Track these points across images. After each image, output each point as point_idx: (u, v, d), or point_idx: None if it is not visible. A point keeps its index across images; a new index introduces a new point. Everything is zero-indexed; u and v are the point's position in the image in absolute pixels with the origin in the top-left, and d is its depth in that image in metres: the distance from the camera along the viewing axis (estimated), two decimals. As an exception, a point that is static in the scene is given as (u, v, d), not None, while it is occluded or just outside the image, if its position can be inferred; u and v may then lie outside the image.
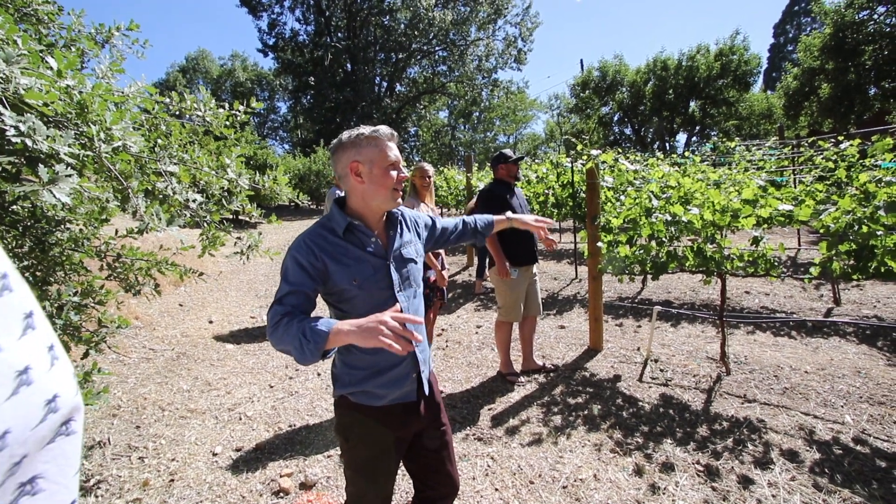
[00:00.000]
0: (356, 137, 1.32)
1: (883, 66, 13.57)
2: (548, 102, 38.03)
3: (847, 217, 2.89)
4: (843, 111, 14.53)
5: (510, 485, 2.33)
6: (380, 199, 1.34)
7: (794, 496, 2.15)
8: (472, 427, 2.87)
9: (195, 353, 4.11)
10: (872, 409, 2.81)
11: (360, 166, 1.31)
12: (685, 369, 3.51)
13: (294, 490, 2.24)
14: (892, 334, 3.88)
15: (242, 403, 3.17)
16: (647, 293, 5.59)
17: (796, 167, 7.29)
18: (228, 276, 7.21)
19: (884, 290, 4.88)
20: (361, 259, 1.32)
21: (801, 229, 7.38)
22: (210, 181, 2.33)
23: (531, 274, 3.44)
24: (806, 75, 15.22)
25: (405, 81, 32.66)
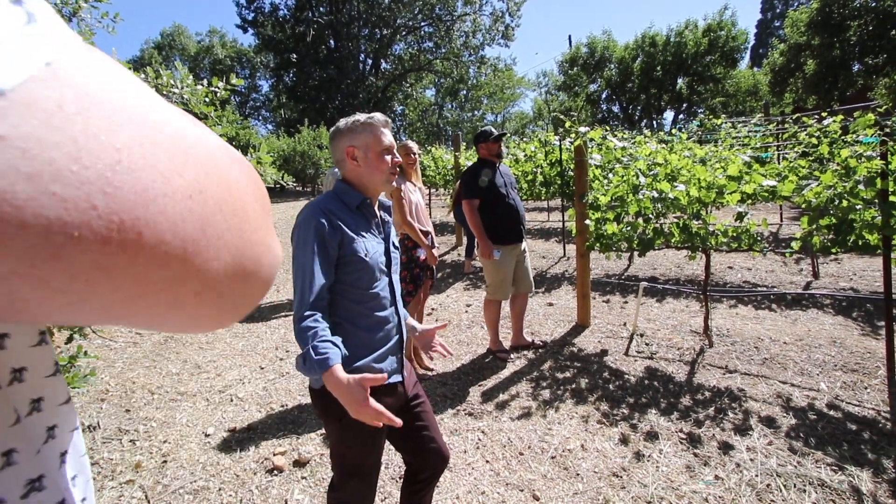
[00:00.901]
0: (352, 124, 1.41)
1: (867, 42, 13.65)
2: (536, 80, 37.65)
3: (828, 192, 2.94)
4: (828, 87, 14.65)
5: (500, 456, 2.39)
6: (375, 182, 1.42)
7: (771, 459, 2.25)
8: (462, 403, 2.93)
9: (183, 336, 4.08)
10: (845, 377, 2.93)
11: (356, 151, 1.39)
12: (670, 343, 3.60)
13: (288, 468, 2.27)
14: (866, 305, 4.01)
15: (233, 385, 3.17)
16: (634, 270, 5.67)
17: (780, 143, 7.37)
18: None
19: (860, 263, 5.02)
20: (371, 235, 1.41)
21: (784, 205, 7.51)
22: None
23: (519, 251, 3.44)
24: (792, 51, 15.25)
25: (390, 59, 31.89)
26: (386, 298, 1.43)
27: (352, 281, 1.35)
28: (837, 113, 6.19)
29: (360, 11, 27.88)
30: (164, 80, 2.36)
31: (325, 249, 1.30)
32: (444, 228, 9.03)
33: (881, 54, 13.79)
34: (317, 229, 1.29)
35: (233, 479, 2.19)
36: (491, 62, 32.72)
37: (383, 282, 1.42)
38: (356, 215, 1.40)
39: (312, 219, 1.30)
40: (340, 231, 1.32)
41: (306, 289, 1.26)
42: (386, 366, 1.41)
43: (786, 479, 2.12)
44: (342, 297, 1.35)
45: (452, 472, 2.29)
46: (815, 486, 2.07)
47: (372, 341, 1.38)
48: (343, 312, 1.36)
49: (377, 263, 1.39)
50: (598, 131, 3.98)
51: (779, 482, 2.10)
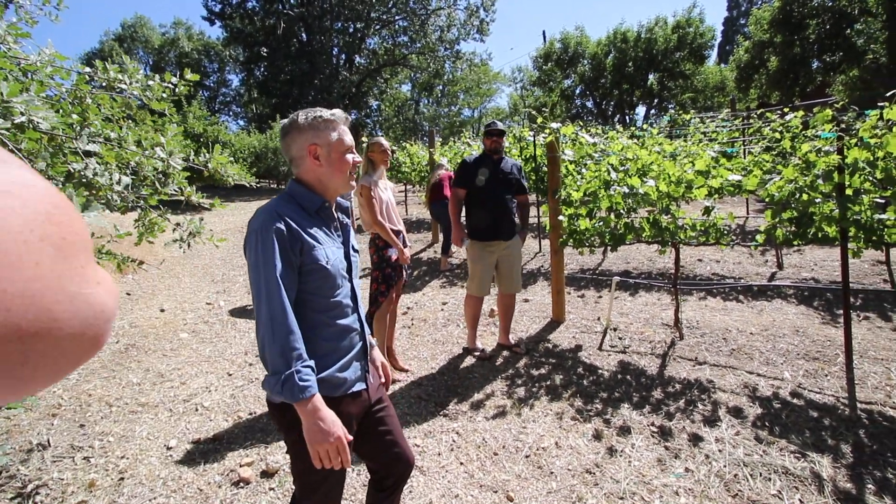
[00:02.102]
0: (314, 120, 1.31)
1: (825, 41, 14.20)
2: (511, 75, 37.67)
3: (790, 186, 3.02)
4: (789, 84, 15.19)
5: (475, 458, 2.36)
6: (336, 183, 1.34)
7: (738, 449, 2.30)
8: (437, 404, 2.89)
9: (145, 343, 3.89)
10: (808, 365, 3.03)
11: (319, 149, 1.30)
12: (642, 336, 3.65)
13: (255, 479, 2.18)
14: (826, 295, 4.17)
15: (199, 394, 3.04)
16: (608, 264, 5.74)
17: (746, 138, 7.59)
18: (181, 261, 6.85)
19: (821, 253, 5.22)
20: (330, 240, 1.33)
21: (750, 198, 7.75)
22: (141, 162, 2.13)
23: (501, 250, 3.40)
24: (756, 48, 15.74)
25: (364, 53, 31.38)
26: (348, 306, 1.37)
27: (313, 290, 1.28)
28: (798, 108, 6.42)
29: (333, 4, 27.31)
30: (112, 74, 2.21)
31: (287, 258, 1.21)
32: (421, 225, 8.96)
33: (838, 52, 14.39)
34: (277, 237, 1.20)
35: (195, 494, 2.09)
36: (466, 57, 32.58)
37: (345, 288, 1.36)
38: (314, 220, 1.31)
39: (270, 225, 1.20)
40: (300, 238, 1.23)
41: (276, 305, 1.16)
42: (350, 374, 1.35)
43: (752, 468, 2.17)
44: (303, 306, 1.28)
45: (426, 475, 2.25)
46: (780, 474, 2.12)
47: (335, 350, 1.32)
48: (305, 322, 1.28)
49: (338, 270, 1.32)
50: (570, 127, 3.98)
51: (746, 472, 2.15)
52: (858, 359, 3.04)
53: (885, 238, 2.81)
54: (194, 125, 12.18)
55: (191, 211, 10.13)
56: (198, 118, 12.69)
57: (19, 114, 1.54)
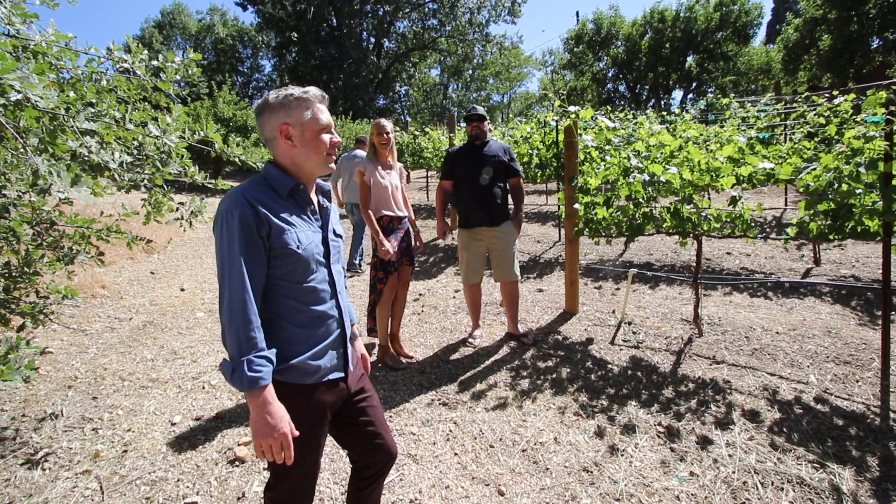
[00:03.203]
0: (285, 99, 1.26)
1: (888, 16, 13.01)
2: (542, 59, 36.59)
3: (828, 175, 2.77)
4: (843, 64, 14.05)
5: (470, 449, 2.32)
6: (312, 164, 1.29)
7: (750, 455, 2.16)
8: (438, 392, 2.86)
9: (163, 321, 4.04)
10: (837, 369, 2.81)
11: (291, 129, 1.25)
12: (658, 331, 3.49)
13: (251, 458, 2.22)
14: (866, 294, 3.86)
15: (208, 372, 3.13)
16: (629, 255, 5.53)
17: (789, 123, 7.07)
18: (206, 242, 7.06)
19: (864, 249, 4.84)
20: (304, 223, 1.28)
21: (789, 189, 7.26)
22: (143, 141, 2.15)
23: (492, 236, 3.31)
24: (807, 26, 14.60)
25: (393, 37, 31.17)
26: (325, 292, 1.31)
27: (283, 275, 1.24)
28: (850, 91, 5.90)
29: (362, -13, 27.17)
30: (117, 55, 2.22)
31: (253, 242, 1.17)
32: (441, 212, 8.89)
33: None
34: (242, 220, 1.16)
35: (193, 470, 2.14)
36: (497, 40, 31.87)
37: (321, 274, 1.30)
38: (287, 203, 1.25)
39: (235, 209, 1.16)
40: (268, 221, 1.19)
41: (235, 290, 1.13)
42: (324, 362, 1.31)
43: (764, 476, 2.03)
44: (274, 291, 1.24)
45: (419, 464, 2.23)
46: (794, 485, 1.98)
47: (309, 337, 1.28)
48: (275, 307, 1.25)
49: (312, 255, 1.27)
50: (588, 111, 3.79)
51: (756, 479, 2.02)
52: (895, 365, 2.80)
53: (935, 234, 2.53)
54: (223, 110, 12.43)
55: (219, 194, 10.43)
56: (227, 103, 12.94)
57: (14, 91, 1.56)
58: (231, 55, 35.77)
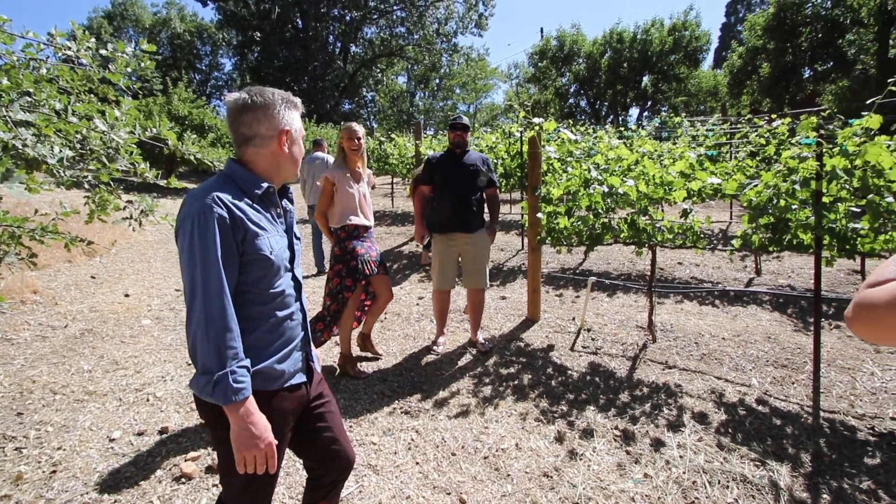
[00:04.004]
0: (289, 102, 1.25)
1: (817, 49, 14.30)
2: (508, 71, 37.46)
3: (768, 191, 2.98)
4: (780, 91, 15.29)
5: (432, 458, 2.30)
6: (292, 171, 1.28)
7: (699, 456, 2.26)
8: (400, 401, 2.82)
9: (104, 329, 3.75)
10: (776, 372, 3.01)
11: (290, 134, 1.24)
12: (615, 338, 3.61)
13: (199, 474, 2.09)
14: (800, 302, 4.17)
15: (153, 383, 2.93)
16: (589, 264, 5.71)
17: (734, 143, 7.59)
18: (154, 244, 6.67)
19: (799, 261, 5.23)
20: (273, 228, 1.24)
21: (734, 203, 7.77)
22: (87, 135, 2.01)
23: (461, 243, 3.33)
24: (749, 54, 15.80)
25: (361, 43, 31.01)
26: (290, 296, 1.28)
27: (253, 281, 1.19)
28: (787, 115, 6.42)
29: (329, -9, 26.90)
30: (59, 41, 2.07)
31: (229, 247, 1.11)
32: (405, 218, 8.86)
33: (829, 61, 14.50)
34: (219, 224, 1.09)
35: (132, 490, 1.99)
36: (464, 51, 32.38)
37: (286, 278, 1.27)
38: (257, 205, 1.20)
39: (210, 211, 1.09)
40: (243, 226, 1.13)
41: (213, 301, 1.07)
42: (288, 366, 1.27)
43: (711, 475, 2.13)
44: (241, 297, 1.18)
45: (379, 474, 2.18)
46: (738, 482, 2.08)
47: (274, 342, 1.24)
48: (243, 314, 1.19)
49: (282, 261, 1.24)
50: (552, 123, 3.91)
51: (704, 479, 2.11)
52: (826, 367, 3.03)
53: (858, 247, 2.78)
54: (179, 107, 11.86)
55: (172, 194, 9.90)
56: (183, 100, 12.36)
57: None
58: (188, 51, 34.28)
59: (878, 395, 2.73)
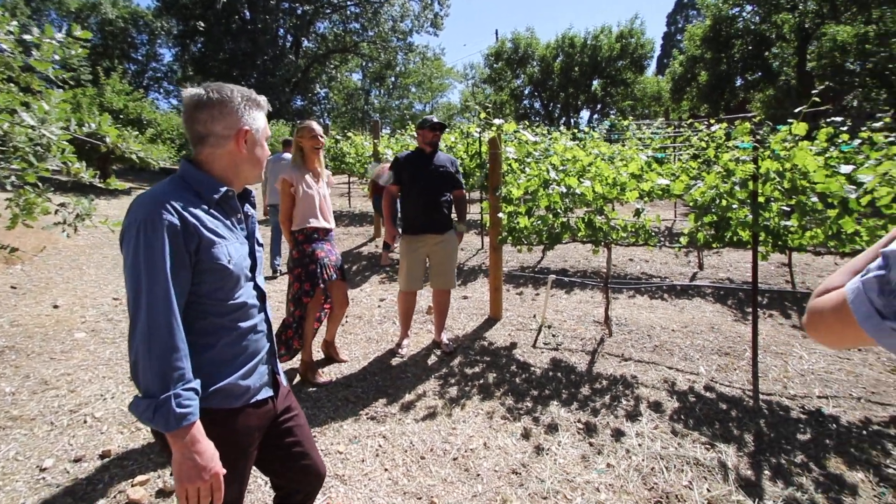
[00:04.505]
0: (250, 100, 1.17)
1: (747, 60, 15.51)
2: (463, 72, 37.77)
3: (711, 192, 3.19)
4: (716, 97, 16.45)
5: (400, 463, 2.26)
6: (253, 173, 1.22)
7: (656, 443, 2.38)
8: (365, 406, 2.76)
9: (29, 345, 3.40)
10: (720, 360, 3.23)
11: (250, 134, 1.17)
12: (574, 333, 3.73)
13: (148, 500, 1.94)
14: (738, 294, 4.50)
15: (91, 402, 2.69)
16: (546, 262, 5.86)
17: (677, 146, 8.08)
18: (87, 250, 6.13)
19: (736, 255, 5.65)
20: (233, 235, 1.16)
21: (677, 202, 8.26)
22: (9, 130, 1.80)
23: (431, 244, 3.32)
24: (689, 62, 16.88)
25: (313, 37, 30.09)
26: (254, 306, 1.21)
27: (209, 292, 1.10)
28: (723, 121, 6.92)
29: (279, -17, 25.88)
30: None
31: (180, 258, 1.03)
32: (363, 219, 8.71)
33: (757, 72, 15.77)
34: (169, 232, 1.00)
35: (72, 521, 1.82)
36: (419, 50, 32.25)
37: (248, 288, 1.20)
38: (214, 211, 1.12)
39: (159, 218, 1.00)
40: (197, 234, 1.05)
41: (158, 315, 0.98)
42: (254, 380, 1.20)
43: (668, 461, 2.25)
44: (197, 310, 1.10)
45: (347, 484, 2.12)
46: (692, 465, 2.21)
47: (237, 356, 1.16)
48: (198, 328, 1.11)
49: (242, 269, 1.16)
50: (512, 125, 3.97)
51: (661, 464, 2.22)
52: (762, 353, 3.28)
53: (789, 243, 3.03)
54: (112, 100, 10.95)
55: (106, 195, 9.14)
56: (117, 92, 11.43)
57: None
58: (122, 39, 31.75)
59: (807, 376, 3.00)
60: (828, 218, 2.87)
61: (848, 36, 12.69)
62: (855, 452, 2.25)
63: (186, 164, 1.15)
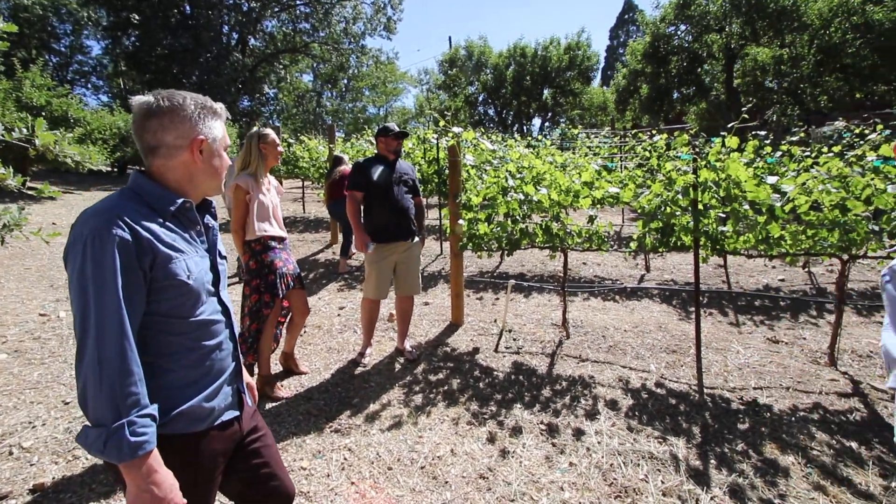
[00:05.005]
0: (204, 108, 1.11)
1: (683, 76, 16.73)
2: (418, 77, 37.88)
3: (657, 200, 3.41)
4: (657, 109, 17.59)
5: (367, 475, 2.22)
6: (212, 185, 1.17)
7: (614, 440, 2.50)
8: (329, 419, 2.69)
9: (-59, 369, 3.01)
10: (668, 357, 3.44)
11: (207, 144, 1.12)
12: (534, 336, 3.84)
13: (91, 534, 1.78)
14: (682, 294, 4.82)
15: (17, 431, 2.42)
16: (505, 267, 5.99)
17: (623, 155, 8.55)
18: (6, 261, 5.53)
19: (678, 258, 6.05)
20: (192, 248, 1.10)
21: (625, 208, 8.73)
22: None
23: (400, 252, 3.31)
24: (632, 76, 17.94)
25: (260, 35, 29.00)
26: (218, 322, 1.15)
27: (168, 310, 1.04)
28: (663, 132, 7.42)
29: (223, -23, 24.74)
30: None
31: (133, 276, 0.96)
32: (319, 225, 8.49)
33: (692, 87, 17.05)
34: (119, 247, 0.94)
35: (-1, 567, 1.63)
36: (373, 53, 31.98)
37: (211, 304, 1.14)
38: (171, 224, 1.07)
39: (108, 233, 0.93)
40: (151, 249, 0.99)
41: (110, 338, 0.91)
42: (218, 402, 1.14)
43: (625, 456, 2.36)
44: (155, 330, 1.03)
45: (312, 501, 2.06)
46: (647, 459, 2.34)
47: (200, 376, 1.10)
48: (158, 349, 1.04)
49: (203, 284, 1.10)
50: (471, 133, 4.04)
51: (620, 460, 2.33)
52: (705, 350, 3.54)
53: (725, 247, 3.30)
54: (32, 95, 9.94)
55: (30, 200, 8.27)
56: (38, 87, 10.39)
57: None
58: (41, 29, 28.98)
59: (744, 369, 3.26)
60: (758, 224, 3.15)
61: (766, 57, 14.05)
62: (786, 438, 2.48)
63: (138, 176, 1.09)
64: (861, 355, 3.39)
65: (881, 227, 3.05)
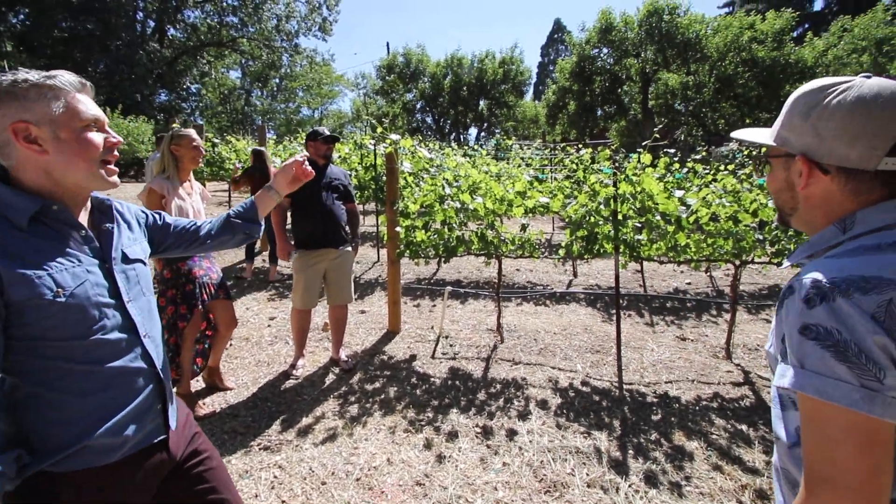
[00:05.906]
0: (16, 86, 0.89)
1: (605, 95, 18.14)
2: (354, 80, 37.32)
3: (583, 210, 3.66)
4: (583, 125, 18.87)
5: (299, 492, 2.14)
6: (79, 175, 0.97)
7: (544, 438, 2.62)
8: (257, 436, 2.54)
9: None
10: (593, 357, 3.69)
11: (33, 129, 0.91)
12: (470, 342, 3.92)
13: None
14: (605, 298, 5.20)
15: None
16: (442, 273, 6.07)
17: (553, 166, 9.06)
18: None
19: (601, 264, 6.52)
20: (69, 259, 0.94)
21: (555, 217, 9.24)
22: None
23: (329, 259, 3.23)
24: (560, 92, 19.10)
25: (181, 26, 26.95)
26: (122, 340, 1.01)
27: (42, 334, 0.90)
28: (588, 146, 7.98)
29: (137, -41, 22.72)
30: None
31: None
32: (249, 229, 8.01)
33: (613, 105, 18.53)
34: None
35: None
36: (307, 53, 31.01)
37: (112, 319, 0.99)
38: (29, 234, 0.92)
39: None
40: None
41: None
42: (132, 429, 1.01)
43: (554, 452, 2.49)
44: (34, 356, 0.90)
45: (238, 526, 1.93)
46: (573, 454, 2.48)
47: (106, 404, 0.97)
48: (40, 377, 0.91)
49: (90, 299, 0.95)
50: (409, 141, 4.07)
51: (549, 457, 2.45)
52: (624, 349, 3.83)
53: (641, 253, 3.62)
54: None
55: None
56: None
57: None
58: None
59: (657, 365, 3.59)
60: (667, 233, 3.50)
61: (675, 82, 15.66)
62: (691, 426, 2.76)
63: None
64: (750, 349, 3.87)
65: (764, 237, 3.52)
